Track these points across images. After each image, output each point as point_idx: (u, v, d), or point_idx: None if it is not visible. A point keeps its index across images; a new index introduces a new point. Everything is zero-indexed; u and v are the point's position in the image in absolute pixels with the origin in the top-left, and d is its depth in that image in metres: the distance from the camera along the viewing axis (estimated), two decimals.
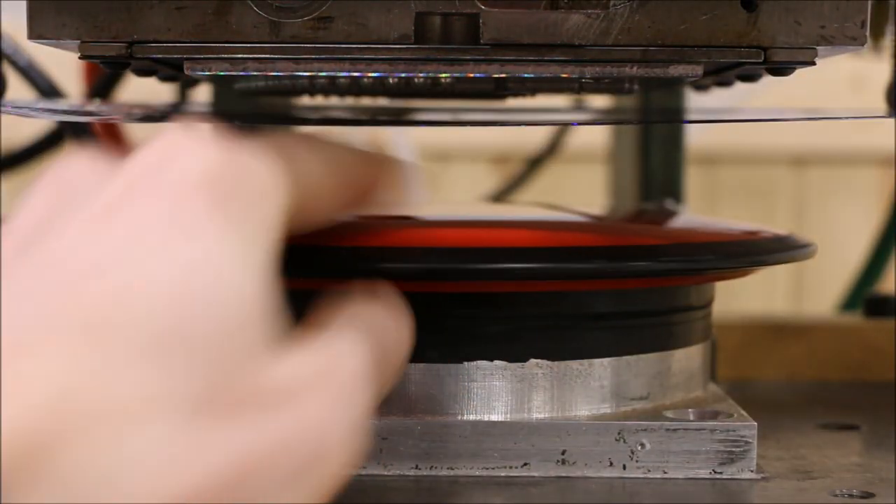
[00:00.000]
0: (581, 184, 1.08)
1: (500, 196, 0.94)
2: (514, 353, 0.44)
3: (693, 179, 0.76)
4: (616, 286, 0.45)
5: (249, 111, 0.50)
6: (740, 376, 0.61)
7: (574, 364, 0.45)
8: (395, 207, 0.43)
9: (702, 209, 1.18)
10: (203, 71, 0.43)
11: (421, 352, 0.44)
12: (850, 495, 0.42)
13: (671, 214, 0.62)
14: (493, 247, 0.44)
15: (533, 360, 0.45)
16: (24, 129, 0.77)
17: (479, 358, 0.44)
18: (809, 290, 1.26)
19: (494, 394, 0.44)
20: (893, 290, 0.68)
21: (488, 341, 0.44)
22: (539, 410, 0.45)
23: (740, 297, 1.07)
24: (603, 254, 0.44)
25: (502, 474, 0.43)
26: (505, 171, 1.15)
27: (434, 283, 0.44)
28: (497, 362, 0.44)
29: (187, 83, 0.67)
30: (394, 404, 0.44)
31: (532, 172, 0.92)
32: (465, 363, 0.44)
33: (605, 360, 0.45)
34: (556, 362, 0.45)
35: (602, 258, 0.44)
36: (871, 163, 1.24)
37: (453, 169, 1.25)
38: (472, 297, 0.44)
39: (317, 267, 0.43)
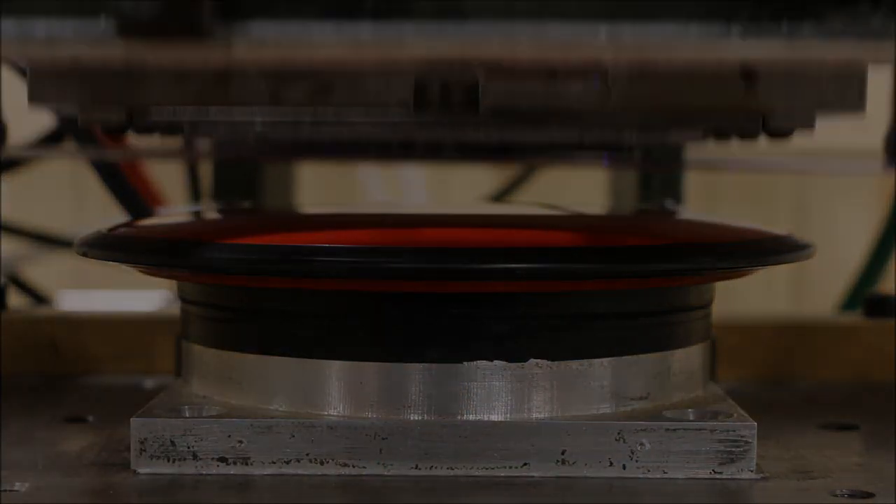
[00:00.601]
0: (581, 184, 1.07)
1: (500, 196, 0.94)
2: (514, 353, 0.44)
3: (693, 179, 0.76)
4: (616, 287, 0.45)
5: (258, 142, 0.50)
6: (741, 376, 0.61)
7: (574, 364, 0.45)
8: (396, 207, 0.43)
9: (702, 209, 1.18)
10: (204, 137, 0.44)
11: (421, 352, 0.44)
12: (850, 495, 0.42)
13: (671, 214, 0.62)
14: (493, 247, 0.44)
15: (533, 360, 0.45)
16: (24, 129, 0.77)
17: (479, 358, 0.44)
18: (809, 290, 1.26)
19: (494, 394, 0.44)
20: (893, 290, 0.68)
21: (488, 341, 0.44)
22: (539, 410, 0.45)
23: (740, 297, 1.07)
24: (603, 254, 0.44)
25: (502, 474, 0.43)
26: (505, 172, 1.15)
27: (434, 282, 0.44)
28: (497, 362, 0.44)
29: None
30: (394, 404, 0.44)
31: (532, 172, 0.92)
32: (465, 363, 0.44)
33: (605, 360, 0.45)
34: (556, 362, 0.45)
35: (602, 258, 0.44)
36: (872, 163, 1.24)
37: (453, 169, 1.25)
38: (472, 297, 0.44)
39: (320, 266, 0.43)
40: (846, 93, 0.44)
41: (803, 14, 0.36)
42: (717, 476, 0.43)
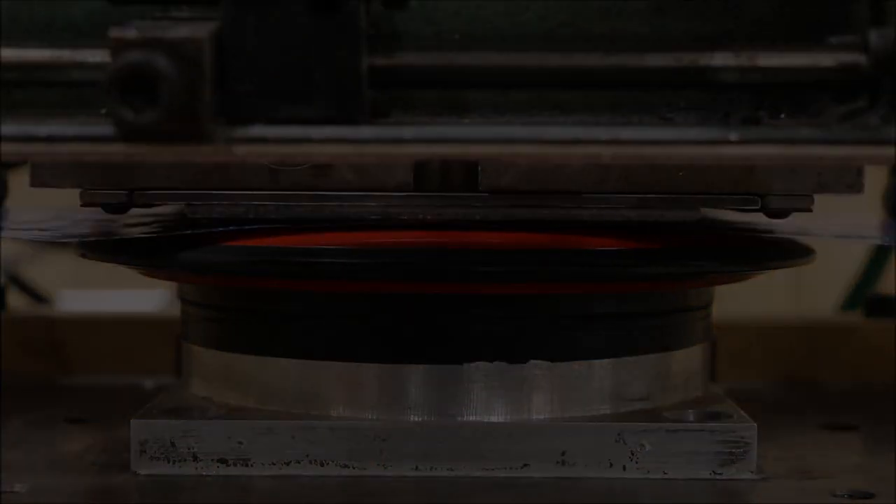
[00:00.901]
0: None
1: None
2: (514, 353, 0.44)
3: None
4: (615, 288, 0.45)
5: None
6: (740, 377, 0.61)
7: (574, 365, 0.45)
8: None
9: None
10: (203, 215, 0.45)
11: (421, 353, 0.44)
12: (850, 495, 0.42)
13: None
14: (494, 248, 0.44)
15: (533, 361, 0.45)
16: None
17: (479, 359, 0.44)
18: (809, 290, 1.26)
19: (494, 395, 0.44)
20: (893, 290, 0.68)
21: (488, 342, 0.44)
22: (539, 411, 0.45)
23: (740, 297, 1.07)
24: (603, 256, 0.44)
25: (502, 475, 0.43)
26: None
27: (434, 284, 0.44)
28: (497, 363, 0.44)
29: None
30: (394, 405, 0.44)
31: None
32: (465, 364, 0.44)
33: (605, 361, 0.45)
34: (556, 363, 0.45)
35: (603, 261, 0.44)
36: None
37: None
38: (472, 299, 0.44)
39: (320, 268, 0.43)
40: (845, 175, 0.45)
41: (801, 110, 0.36)
42: (718, 477, 0.43)
